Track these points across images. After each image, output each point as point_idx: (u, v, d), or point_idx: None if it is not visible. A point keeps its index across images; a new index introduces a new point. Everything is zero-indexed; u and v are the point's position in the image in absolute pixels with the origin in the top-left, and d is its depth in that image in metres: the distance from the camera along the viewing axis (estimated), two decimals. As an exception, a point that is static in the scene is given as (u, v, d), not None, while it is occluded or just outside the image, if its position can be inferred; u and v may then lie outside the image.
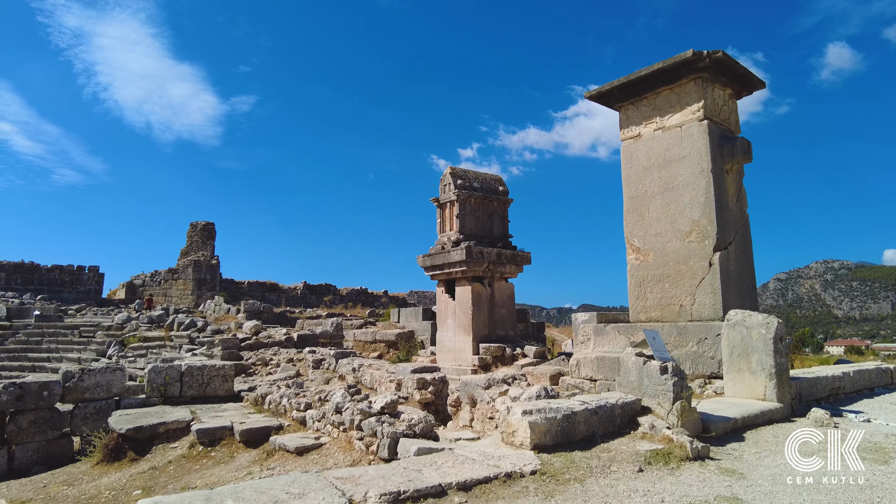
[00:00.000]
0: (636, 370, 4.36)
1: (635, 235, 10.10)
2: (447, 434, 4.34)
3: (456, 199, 14.15)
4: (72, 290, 30.10)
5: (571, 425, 3.62)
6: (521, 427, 3.41)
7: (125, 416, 5.47)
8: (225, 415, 5.65)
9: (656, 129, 9.98)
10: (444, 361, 14.32)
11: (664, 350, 4.44)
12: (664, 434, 3.67)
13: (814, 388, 5.63)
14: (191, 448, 4.94)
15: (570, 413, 3.62)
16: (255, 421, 5.16)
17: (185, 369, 6.59)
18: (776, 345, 5.01)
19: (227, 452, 4.70)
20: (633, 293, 10.03)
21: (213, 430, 4.99)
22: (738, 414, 4.52)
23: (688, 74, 9.43)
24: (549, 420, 3.49)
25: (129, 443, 5.11)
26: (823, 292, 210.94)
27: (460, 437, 4.14)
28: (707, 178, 9.12)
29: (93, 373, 6.11)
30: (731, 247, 9.26)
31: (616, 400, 3.98)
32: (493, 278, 14.18)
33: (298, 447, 4.23)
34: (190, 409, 5.97)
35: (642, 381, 4.29)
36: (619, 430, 3.95)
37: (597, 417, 3.80)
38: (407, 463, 3.07)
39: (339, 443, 4.23)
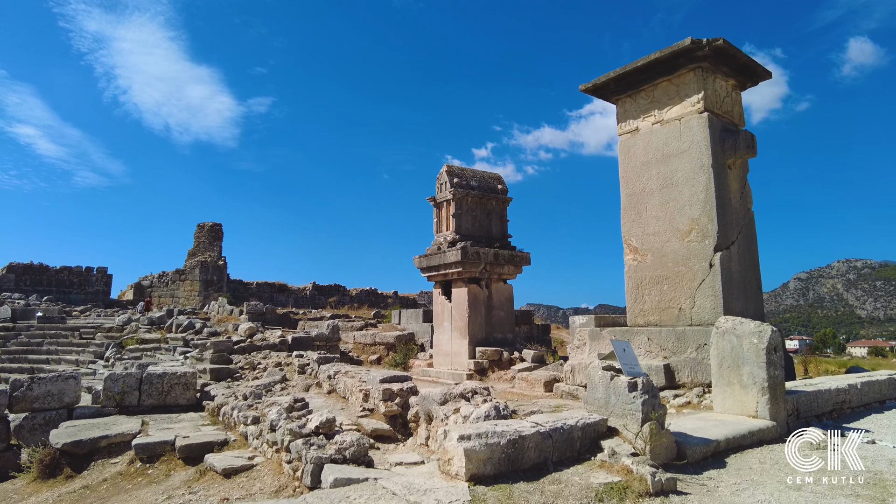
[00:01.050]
0: (603, 386, 3.89)
1: (633, 235, 9.59)
2: (393, 456, 3.94)
3: (452, 197, 13.74)
4: (80, 291, 30.24)
5: (518, 451, 3.18)
6: (457, 455, 2.98)
7: (70, 429, 5.15)
8: (176, 427, 5.30)
9: (654, 122, 9.46)
10: (440, 365, 13.92)
11: (635, 363, 3.97)
12: (623, 464, 3.20)
13: (814, 402, 5.09)
14: (130, 464, 4.60)
15: (517, 438, 3.17)
16: (200, 435, 4.80)
17: (144, 377, 6.26)
18: (769, 356, 4.51)
19: (164, 470, 4.35)
20: (631, 296, 9.52)
21: (153, 445, 4.63)
22: (721, 434, 4.03)
23: (686, 64, 8.90)
24: (491, 446, 3.06)
25: (68, 458, 4.79)
26: (846, 292, 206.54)
27: (403, 460, 3.72)
28: (707, 173, 8.59)
29: (43, 381, 5.81)
30: (733, 247, 8.72)
31: (576, 421, 3.53)
32: (491, 279, 13.72)
33: (227, 468, 3.85)
34: (143, 420, 5.63)
35: (609, 398, 3.82)
36: (578, 455, 3.49)
37: (551, 442, 3.35)
38: (315, 498, 2.67)
39: (272, 464, 3.84)
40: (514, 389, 10.96)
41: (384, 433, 5.16)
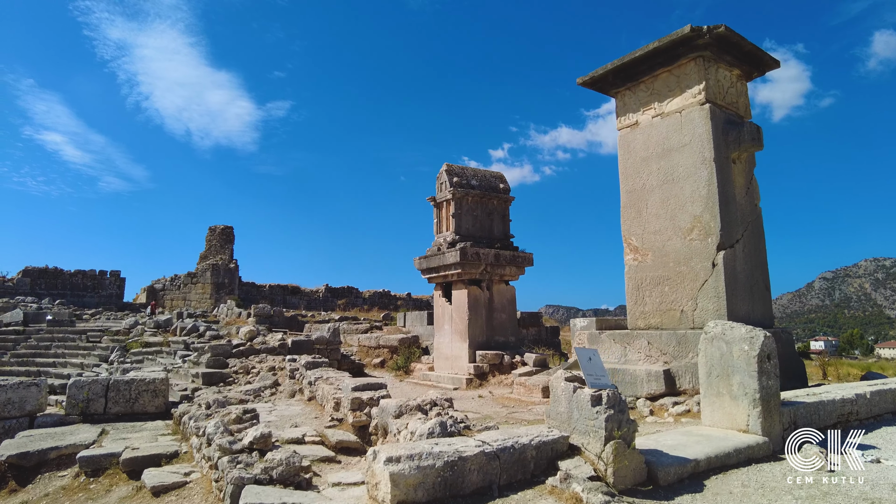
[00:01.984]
0: (565, 399, 3.52)
1: (633, 233, 9.16)
2: (339, 474, 3.60)
3: (451, 197, 13.39)
4: (94, 294, 30.52)
5: (458, 475, 2.82)
6: (383, 479, 2.65)
7: (23, 439, 4.94)
8: (133, 437, 5.05)
9: (654, 115, 9.02)
10: (441, 369, 13.58)
11: (602, 374, 3.58)
12: (573, 491, 2.82)
13: (814, 415, 4.63)
14: (75, 478, 4.35)
15: (457, 459, 2.81)
16: (152, 447, 4.53)
17: (111, 383, 6.04)
18: (761, 364, 4.08)
19: (106, 485, 4.09)
20: (631, 297, 9.09)
21: (98, 458, 4.37)
22: (703, 452, 3.62)
23: (687, 54, 8.46)
24: (424, 469, 2.71)
25: (15, 471, 4.57)
26: (874, 291, 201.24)
27: (343, 480, 3.39)
28: (709, 168, 8.13)
29: (3, 389, 5.62)
30: (738, 245, 8.24)
31: (530, 439, 3.15)
32: (492, 281, 13.35)
33: (156, 486, 3.56)
34: (103, 430, 5.39)
35: (572, 413, 3.45)
36: (532, 478, 3.11)
37: (498, 463, 2.99)
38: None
39: (205, 482, 3.55)
40: (513, 395, 10.58)
41: (350, 445, 4.85)
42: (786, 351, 8.38)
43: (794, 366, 8.46)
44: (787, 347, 8.46)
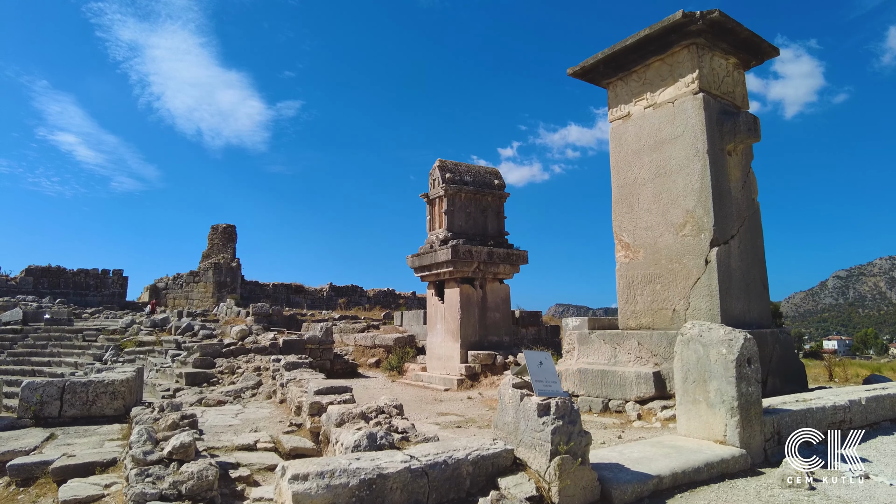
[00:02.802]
0: (512, 408, 3.19)
1: (624, 230, 8.79)
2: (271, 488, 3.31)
3: (444, 193, 13.07)
4: (96, 293, 30.56)
5: (376, 495, 2.50)
6: (287, 500, 2.35)
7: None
8: (80, 442, 4.79)
9: (647, 106, 8.65)
10: (433, 370, 13.28)
11: (553, 381, 3.24)
12: (504, 514, 2.52)
13: (801, 424, 4.25)
14: (6, 487, 4.10)
15: (375, 477, 2.50)
16: (92, 454, 4.27)
17: (67, 385, 5.79)
18: (740, 369, 3.72)
19: (34, 495, 3.83)
20: (622, 296, 8.72)
21: (29, 466, 4.11)
22: (668, 468, 3.27)
23: (679, 41, 8.07)
24: (334, 489, 2.40)
25: (-52, 480, 4.34)
26: (889, 290, 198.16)
27: (265, 496, 3.11)
28: (703, 160, 7.75)
29: (-48, 391, 5.41)
30: (733, 241, 7.86)
31: (467, 453, 2.82)
32: (485, 279, 13.01)
33: (69, 500, 3.29)
34: (52, 434, 5.14)
35: (519, 423, 3.12)
36: (467, 497, 2.78)
37: (426, 481, 2.67)
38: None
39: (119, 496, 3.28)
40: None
41: (306, 452, 4.56)
42: (785, 352, 7.99)
43: (793, 368, 8.06)
44: (786, 349, 8.06)
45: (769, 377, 7.56)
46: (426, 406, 9.75)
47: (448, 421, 7.93)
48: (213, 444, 4.78)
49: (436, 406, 9.72)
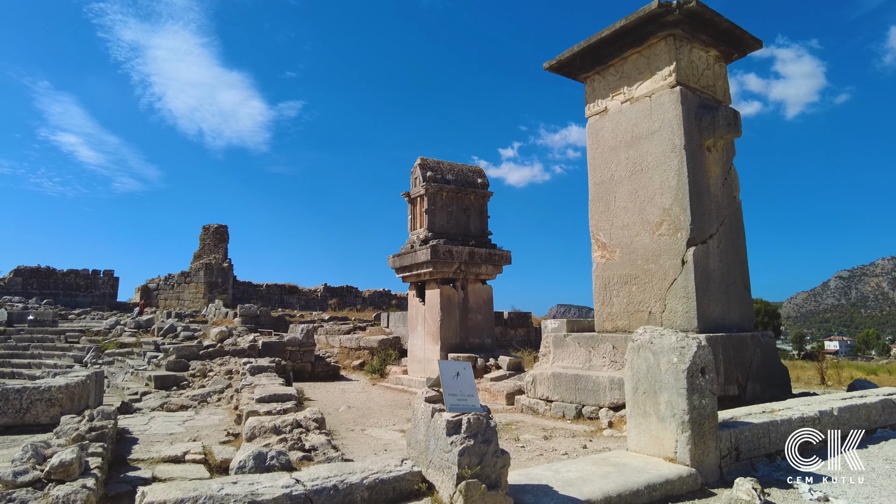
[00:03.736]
0: (424, 424, 2.89)
1: (601, 229, 8.48)
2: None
3: (425, 192, 12.76)
4: (87, 294, 30.31)
5: (245, 529, 2.24)
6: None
7: None
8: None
9: (624, 101, 8.33)
10: (414, 373, 12.97)
11: (470, 394, 2.93)
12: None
13: (763, 438, 3.93)
14: None
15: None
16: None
17: (0, 392, 5.51)
18: (692, 380, 3.40)
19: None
20: (598, 297, 8.41)
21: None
22: (603, 490, 2.94)
23: (656, 32, 7.76)
24: (192, 524, 2.13)
25: None
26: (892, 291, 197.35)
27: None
28: (679, 156, 7.43)
29: None
30: (712, 240, 7.54)
31: (363, 476, 2.52)
32: (467, 280, 12.70)
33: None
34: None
35: (429, 442, 2.82)
36: (360, 527, 2.51)
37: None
38: None
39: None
40: (477, 402, 9.93)
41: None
42: (766, 357, 7.67)
43: (775, 373, 7.74)
44: (768, 353, 7.75)
45: (749, 383, 7.25)
46: (398, 411, 9.43)
47: (415, 428, 7.61)
48: (141, 455, 4.49)
49: (408, 411, 9.39)
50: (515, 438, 6.59)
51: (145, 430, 5.75)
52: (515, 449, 6.05)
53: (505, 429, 7.37)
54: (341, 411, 9.60)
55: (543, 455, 5.65)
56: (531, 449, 6.00)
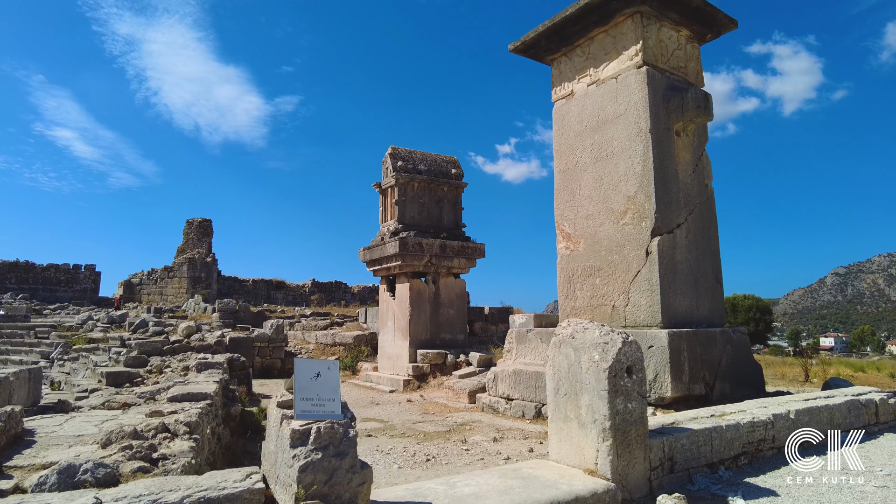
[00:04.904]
0: (275, 433, 2.47)
1: (566, 219, 8.03)
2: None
3: (395, 182, 12.30)
4: (67, 289, 29.80)
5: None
6: None
7: None
8: None
9: (590, 83, 7.88)
10: (384, 370, 12.54)
11: (330, 397, 2.48)
12: None
13: (705, 446, 3.46)
14: None
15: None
16: None
17: None
18: (614, 380, 2.96)
19: None
20: (562, 291, 7.97)
21: None
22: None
23: (622, 9, 7.30)
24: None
25: None
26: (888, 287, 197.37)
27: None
28: (645, 140, 6.98)
29: None
30: (679, 230, 7.10)
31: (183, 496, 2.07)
32: (438, 274, 12.25)
33: None
34: None
35: (278, 453, 2.40)
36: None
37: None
38: None
39: None
40: (439, 400, 9.51)
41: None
42: (737, 354, 7.24)
43: (746, 371, 7.32)
44: (739, 349, 7.31)
45: (717, 381, 6.82)
46: (358, 410, 8.99)
47: (365, 429, 7.18)
48: (23, 462, 4.05)
49: (368, 410, 8.97)
50: (463, 440, 6.16)
51: (54, 432, 5.31)
52: (458, 452, 5.63)
53: (457, 429, 6.94)
54: (298, 410, 9.16)
55: (484, 460, 5.23)
56: (475, 452, 5.57)
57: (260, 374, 13.73)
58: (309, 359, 2.61)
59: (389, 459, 5.31)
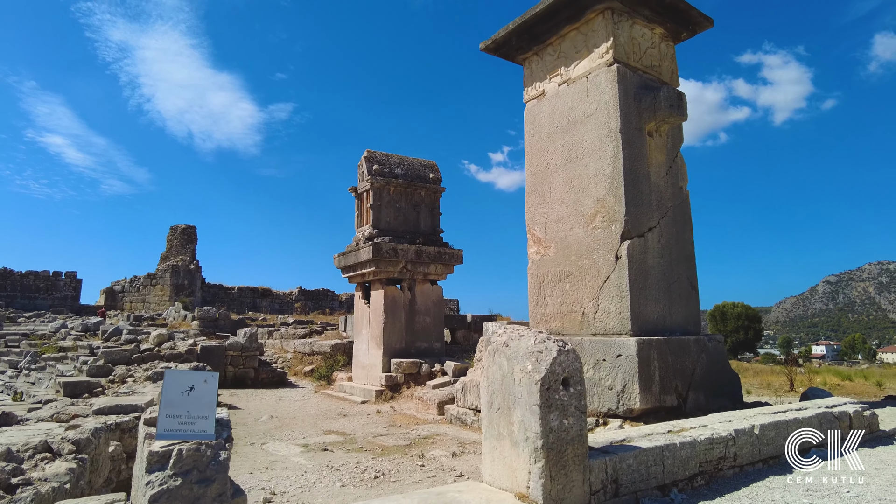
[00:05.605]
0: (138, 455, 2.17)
1: (536, 222, 7.75)
2: None
3: (370, 186, 12.00)
4: (46, 296, 29.24)
5: None
6: None
7: None
8: None
9: (561, 83, 7.62)
10: (358, 379, 12.18)
11: (203, 414, 2.13)
12: None
13: (654, 466, 3.16)
14: None
15: None
16: None
17: None
18: (548, 394, 2.64)
19: None
20: (533, 297, 7.67)
21: None
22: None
23: (593, 5, 7.05)
24: None
25: None
26: (878, 295, 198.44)
27: None
28: (615, 140, 6.72)
29: None
30: (651, 234, 6.82)
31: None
32: (414, 280, 11.93)
33: None
34: None
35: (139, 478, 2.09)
36: None
37: None
38: None
39: None
40: (409, 411, 9.17)
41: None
42: (712, 363, 6.95)
43: (722, 380, 7.02)
44: (715, 358, 7.03)
45: (690, 392, 6.52)
46: (323, 422, 8.65)
47: (324, 442, 6.84)
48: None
49: (333, 422, 8.62)
50: (421, 455, 5.83)
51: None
52: (412, 468, 5.29)
53: (418, 443, 6.61)
54: (261, 421, 8.81)
55: (436, 477, 4.90)
56: (429, 469, 5.24)
57: (232, 383, 13.34)
58: (182, 370, 2.29)
59: (335, 476, 4.97)
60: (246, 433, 7.69)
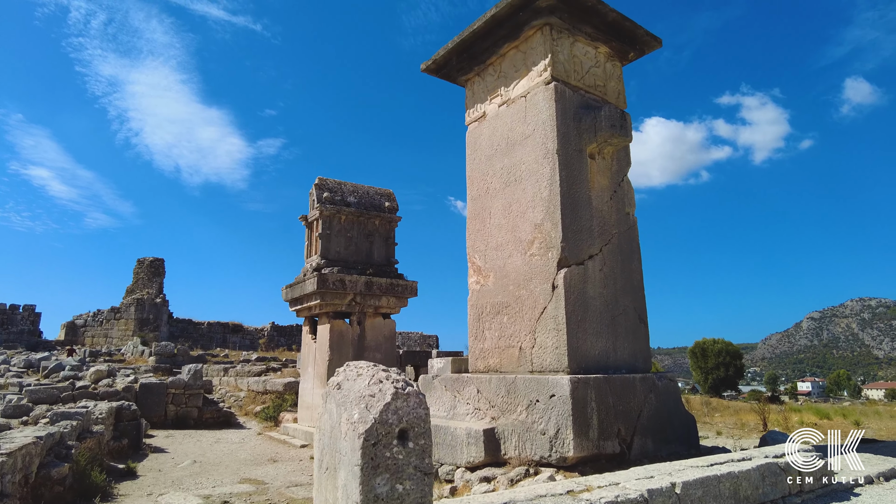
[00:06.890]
0: None
1: (476, 250, 7.21)
2: None
3: (319, 215, 11.45)
4: (2, 330, 28.00)
5: None
6: None
7: None
8: None
9: (501, 103, 7.21)
10: (302, 421, 11.38)
11: None
12: None
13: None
14: None
15: None
16: None
17: None
18: (374, 450, 2.00)
19: None
20: (472, 331, 7.08)
21: None
22: None
23: (531, 21, 6.68)
24: None
25: None
26: (861, 331, 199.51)
27: None
28: (552, 162, 6.25)
29: None
30: (591, 262, 6.29)
31: None
32: (364, 314, 11.28)
33: None
34: None
35: None
36: None
37: None
38: None
39: None
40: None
41: None
42: (663, 404, 6.34)
43: (675, 424, 6.40)
44: (665, 399, 6.42)
45: (636, 437, 5.89)
46: (246, 469, 7.87)
47: (230, 493, 6.08)
48: None
49: (257, 469, 7.84)
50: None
51: None
52: (305, 530, 4.58)
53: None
54: (181, 467, 8.00)
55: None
56: (323, 530, 4.53)
57: (173, 423, 12.45)
58: None
59: (207, 541, 4.25)
60: (152, 481, 6.90)
